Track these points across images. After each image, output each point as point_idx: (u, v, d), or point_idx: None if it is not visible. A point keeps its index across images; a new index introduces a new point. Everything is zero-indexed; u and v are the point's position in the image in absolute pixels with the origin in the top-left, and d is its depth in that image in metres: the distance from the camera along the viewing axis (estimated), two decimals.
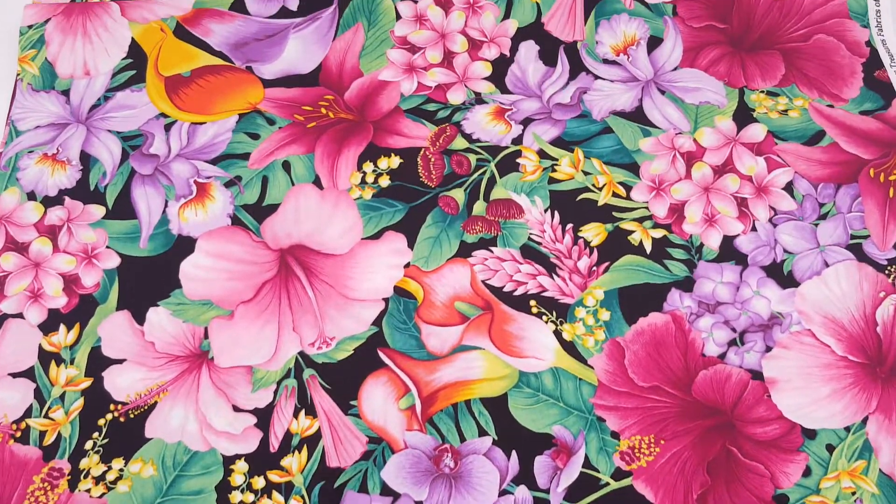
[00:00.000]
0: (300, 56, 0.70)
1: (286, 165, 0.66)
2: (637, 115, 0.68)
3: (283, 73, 0.70)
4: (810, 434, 0.56)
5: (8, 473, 0.56)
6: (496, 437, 0.56)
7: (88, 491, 0.55)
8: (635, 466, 0.55)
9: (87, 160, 0.66)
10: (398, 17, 0.72)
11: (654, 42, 0.71)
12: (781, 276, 0.62)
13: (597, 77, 0.70)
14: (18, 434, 0.57)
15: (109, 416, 0.58)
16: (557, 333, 0.60)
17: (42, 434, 0.57)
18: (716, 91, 0.68)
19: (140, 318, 0.60)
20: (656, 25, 0.71)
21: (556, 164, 0.66)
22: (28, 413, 0.57)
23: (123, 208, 0.65)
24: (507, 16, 0.72)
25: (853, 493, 0.55)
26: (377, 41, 0.71)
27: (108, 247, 0.63)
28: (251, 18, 0.72)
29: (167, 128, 0.67)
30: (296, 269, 0.62)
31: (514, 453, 0.55)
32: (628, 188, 0.65)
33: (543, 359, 0.59)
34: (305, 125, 0.67)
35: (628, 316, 0.60)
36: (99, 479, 0.56)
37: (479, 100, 0.69)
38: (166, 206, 0.65)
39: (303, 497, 0.55)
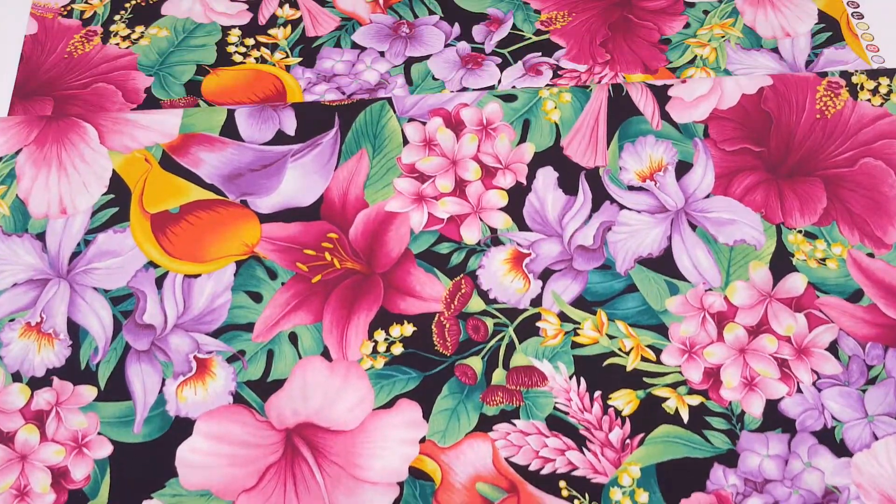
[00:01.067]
0: (299, 187, 0.64)
1: (293, 337, 0.60)
2: (665, 262, 0.62)
3: (281, 206, 0.64)
4: (691, 5, 0.65)
5: (56, 37, 0.74)
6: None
7: (117, 45, 0.72)
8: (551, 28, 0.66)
9: (76, 331, 0.60)
10: (405, 141, 0.65)
11: (682, 167, 0.65)
12: (834, 443, 0.57)
13: (622, 207, 0.64)
14: (65, 13, 0.74)
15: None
16: None
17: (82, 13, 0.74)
18: (752, 226, 0.63)
19: None
20: (685, 149, 0.65)
21: (579, 328, 0.60)
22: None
23: (117, 388, 0.59)
24: (523, 139, 0.65)
25: (722, 37, 0.67)
26: (383, 169, 0.65)
27: (99, 433, 0.57)
28: (245, 146, 0.65)
29: (159, 283, 0.61)
30: (303, 450, 0.57)
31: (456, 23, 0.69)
32: (658, 351, 0.60)
33: None
34: (310, 279, 0.61)
35: (669, 497, 0.56)
36: (125, 38, 0.72)
37: (494, 240, 0.63)
38: (163, 384, 0.59)
39: (286, 52, 0.71)
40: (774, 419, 0.58)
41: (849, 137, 0.66)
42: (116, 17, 0.74)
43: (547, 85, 0.69)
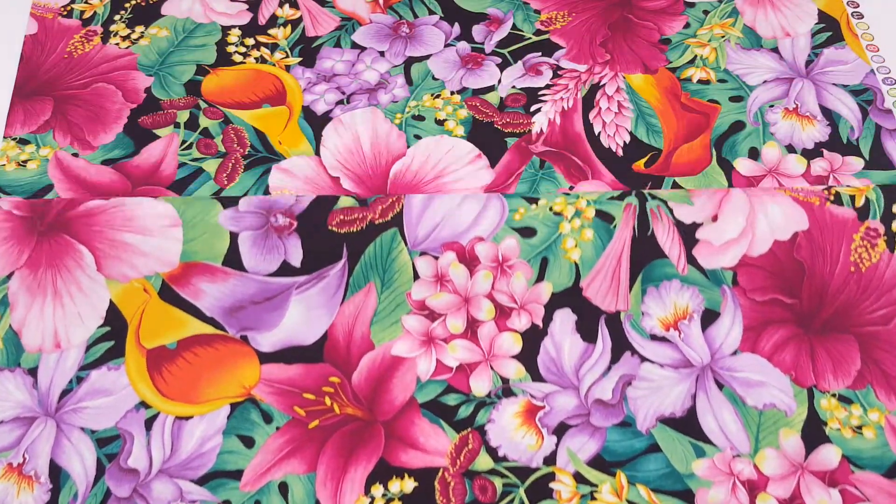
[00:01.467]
0: (303, 323, 0.60)
1: (283, 487, 0.56)
2: (688, 423, 0.58)
3: (283, 343, 0.60)
4: (691, 5, 0.73)
5: (56, 37, 0.74)
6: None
7: (117, 45, 0.72)
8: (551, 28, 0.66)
9: (57, 474, 0.56)
10: (416, 275, 0.61)
11: (709, 316, 0.62)
12: None
13: (643, 359, 0.60)
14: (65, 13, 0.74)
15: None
16: None
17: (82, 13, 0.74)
18: (782, 390, 0.58)
19: None
20: (712, 296, 0.62)
21: (596, 491, 0.56)
22: None
23: None
24: (540, 277, 0.62)
25: (722, 37, 0.68)
26: (392, 304, 0.61)
27: None
28: (248, 276, 0.62)
29: (148, 425, 0.57)
30: None
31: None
32: None
33: None
34: (307, 425, 0.57)
35: None
36: (125, 38, 0.73)
37: (506, 391, 0.59)
38: None
39: (286, 52, 0.72)
40: None
41: (884, 293, 0.61)
42: (116, 17, 0.75)
43: (565, 194, 0.65)
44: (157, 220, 0.64)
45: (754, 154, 0.68)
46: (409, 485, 0.56)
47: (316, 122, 0.70)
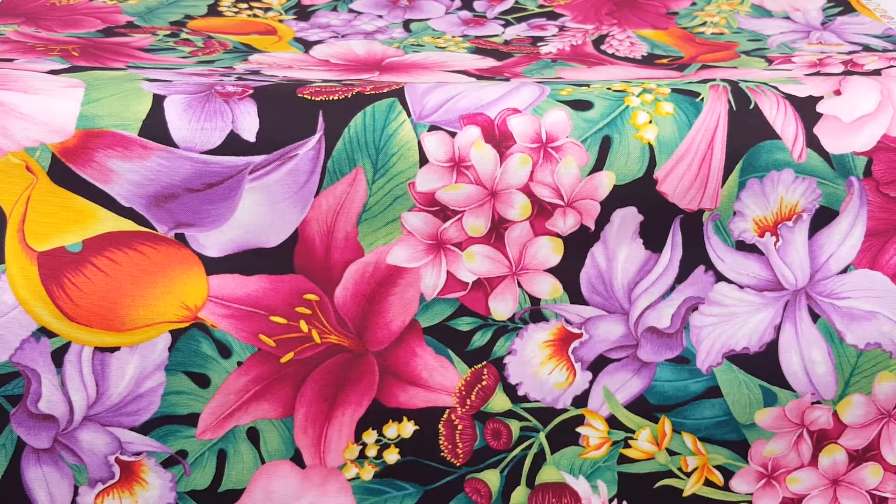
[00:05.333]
0: (262, 219, 0.49)
1: (253, 434, 0.51)
2: (766, 361, 0.51)
3: (236, 246, 0.50)
4: None
5: None
6: None
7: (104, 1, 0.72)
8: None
9: None
10: (423, 159, 0.48)
11: (823, 216, 0.52)
12: None
13: (720, 277, 0.51)
14: None
15: None
16: None
17: None
18: None
19: None
20: (834, 192, 0.51)
21: (632, 438, 0.52)
22: None
23: (13, 497, 0.50)
24: (599, 165, 0.49)
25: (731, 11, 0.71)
26: (388, 198, 0.50)
27: None
28: (178, 153, 0.48)
29: (56, 358, 0.49)
30: None
31: None
32: (728, 474, 0.53)
33: None
34: (278, 359, 0.50)
35: None
36: None
37: (534, 314, 0.51)
38: (76, 493, 0.50)
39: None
40: None
41: None
42: None
43: (639, 86, 0.50)
44: (52, 81, 0.49)
45: None
46: (408, 429, 0.52)
47: (309, 46, 0.67)
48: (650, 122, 0.50)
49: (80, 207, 0.48)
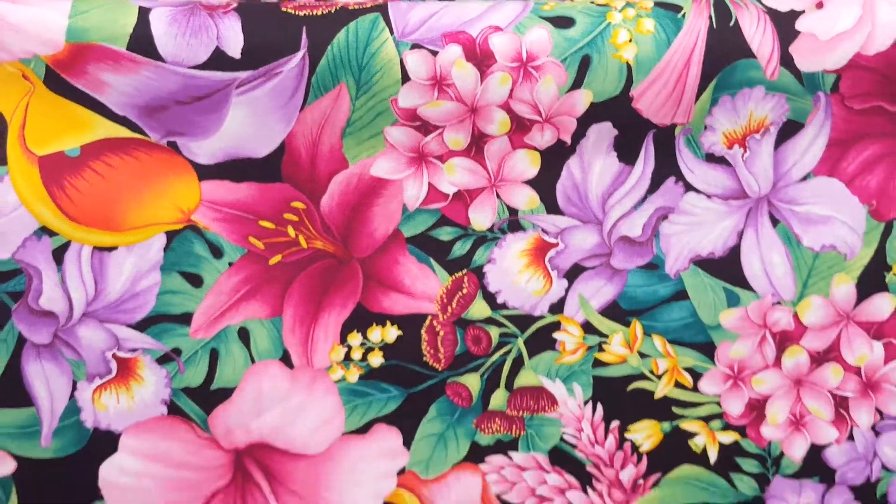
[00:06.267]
0: (250, 131, 0.52)
1: (243, 334, 0.54)
2: (729, 265, 0.55)
3: (225, 154, 0.53)
4: None
5: None
6: None
7: None
8: None
9: None
10: (405, 76, 0.51)
11: (789, 129, 0.55)
12: (873, 499, 0.57)
13: (689, 188, 0.55)
14: None
15: None
16: None
17: None
18: (851, 226, 0.55)
19: None
20: (801, 106, 0.54)
21: (606, 342, 0.55)
22: None
23: (13, 391, 0.53)
24: (577, 83, 0.53)
25: None
26: (371, 113, 0.53)
27: None
28: (166, 67, 0.50)
29: (58, 256, 0.52)
30: (256, 475, 0.55)
31: None
32: (697, 376, 0.56)
33: None
34: (267, 260, 0.53)
35: None
36: None
37: (512, 224, 0.55)
38: (75, 388, 0.53)
39: None
40: (815, 466, 0.57)
41: None
42: None
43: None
44: None
45: None
46: (391, 333, 0.55)
47: None
48: (630, 40, 0.53)
49: (76, 114, 0.51)
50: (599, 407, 0.55)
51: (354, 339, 0.54)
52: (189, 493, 0.53)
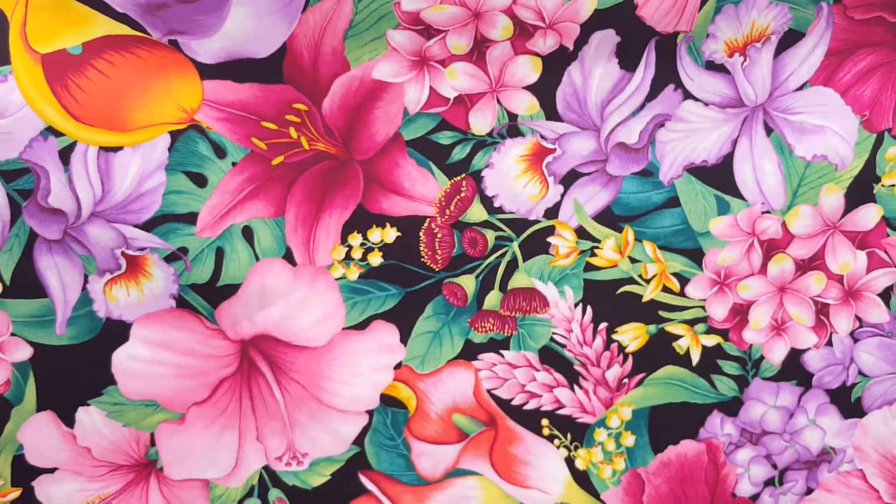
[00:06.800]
0: (251, 31, 0.54)
1: (247, 233, 0.56)
2: (721, 173, 0.57)
3: (227, 55, 0.54)
4: None
5: None
6: None
7: None
8: None
9: None
10: None
11: (790, 38, 0.56)
12: (847, 403, 0.60)
13: (687, 95, 0.56)
14: None
15: None
16: (570, 461, 0.60)
17: None
18: (843, 136, 0.57)
19: (68, 420, 0.57)
20: (803, 15, 0.56)
21: (598, 247, 0.58)
22: None
23: (27, 283, 0.56)
24: None
25: None
26: (373, 16, 0.54)
27: (13, 334, 0.56)
28: None
29: (63, 156, 0.54)
30: (260, 364, 0.57)
31: None
32: (684, 281, 0.59)
33: (550, 493, 0.60)
34: (270, 161, 0.55)
35: (656, 442, 0.59)
36: None
37: (512, 129, 0.56)
38: (86, 281, 0.56)
39: None
40: (793, 369, 0.59)
41: None
42: None
43: None
44: None
45: None
46: (390, 234, 0.57)
47: None
48: None
49: (77, 11, 0.52)
50: (589, 309, 0.58)
51: (355, 239, 0.56)
52: (197, 380, 0.56)
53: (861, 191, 0.57)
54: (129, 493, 0.57)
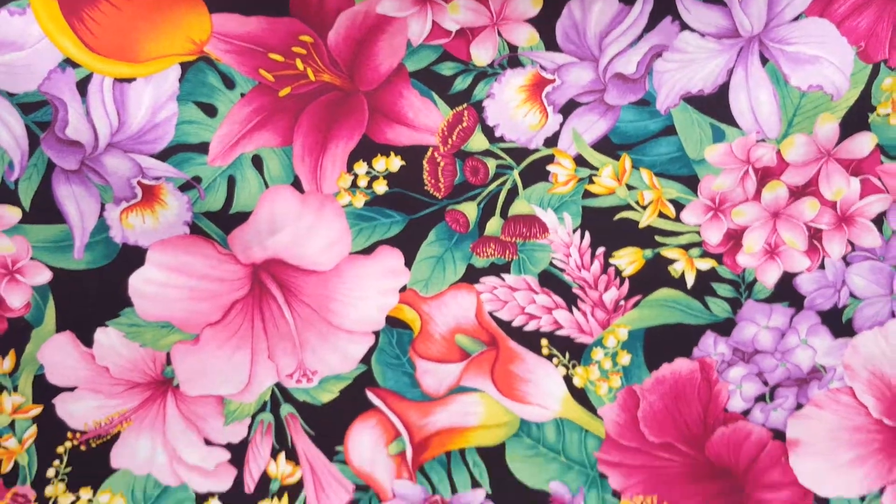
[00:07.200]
0: None
1: (257, 161, 0.59)
2: (717, 102, 0.59)
3: None
4: (822, 502, 0.63)
5: None
6: (490, 491, 0.62)
7: None
8: None
9: None
10: None
11: None
12: (839, 324, 0.62)
13: (684, 26, 0.58)
14: None
15: (69, 444, 0.62)
16: (568, 379, 0.63)
17: None
18: (839, 67, 0.58)
19: (87, 341, 0.60)
20: None
21: (596, 175, 0.60)
22: None
23: (45, 210, 0.58)
24: None
25: None
26: None
27: (33, 258, 0.59)
28: None
29: (81, 88, 0.56)
30: (271, 287, 0.60)
31: None
32: (679, 207, 0.61)
33: (548, 408, 0.63)
34: (277, 92, 0.57)
35: (651, 361, 0.62)
36: None
37: (512, 60, 0.58)
38: (103, 209, 0.59)
39: None
40: (786, 292, 0.62)
41: None
42: (51, 473, 0.61)
43: None
44: None
45: None
46: (395, 163, 0.59)
47: None
48: None
49: None
50: (587, 235, 0.60)
51: (360, 167, 0.59)
52: (210, 302, 0.60)
53: (856, 120, 0.59)
54: (146, 410, 0.61)
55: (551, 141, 0.59)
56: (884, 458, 0.61)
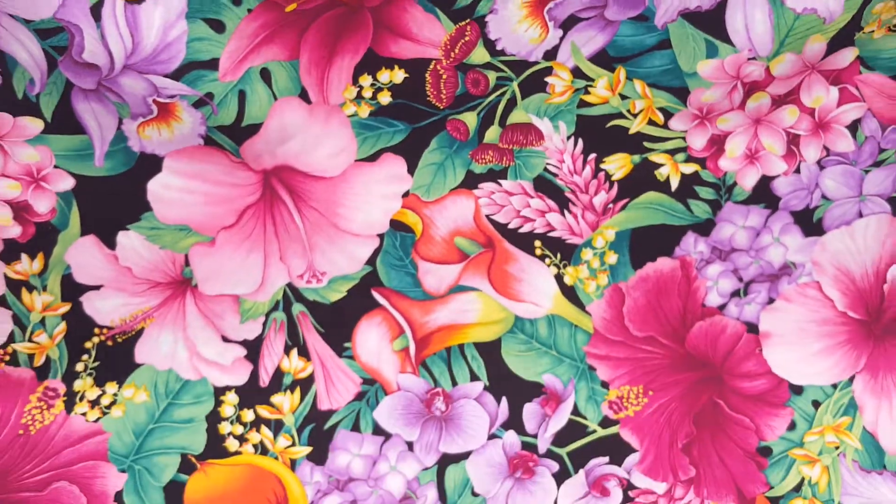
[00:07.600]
0: None
1: (265, 75, 0.61)
2: (714, 19, 0.62)
3: None
4: (797, 389, 0.68)
5: (4, 394, 0.64)
6: (487, 383, 0.67)
7: (84, 414, 0.65)
8: (622, 415, 0.68)
9: (1, 59, 0.58)
10: None
11: None
12: (810, 223, 0.66)
13: None
14: (7, 358, 0.64)
15: (96, 340, 0.66)
16: (559, 278, 0.67)
17: (31, 357, 0.65)
18: None
19: (110, 243, 0.64)
20: None
21: (591, 86, 0.63)
22: (10, 339, 0.63)
23: (66, 122, 0.61)
24: None
25: (836, 448, 0.66)
26: None
27: (56, 166, 0.62)
28: None
29: (95, 13, 0.58)
30: (281, 192, 0.63)
31: (504, 399, 0.67)
32: (668, 115, 0.64)
33: (541, 305, 0.67)
34: (283, 7, 0.60)
35: (636, 260, 0.66)
36: (94, 403, 0.65)
37: None
38: (121, 123, 0.61)
39: (292, 436, 0.67)
40: (763, 194, 0.66)
41: None
42: (79, 367, 0.63)
43: None
44: None
45: None
46: (398, 75, 0.62)
47: None
48: None
49: None
50: (580, 141, 0.64)
51: (365, 80, 0.61)
52: (225, 207, 0.63)
53: (843, 39, 0.61)
54: (167, 307, 0.65)
55: (550, 54, 0.61)
56: (851, 348, 0.66)
